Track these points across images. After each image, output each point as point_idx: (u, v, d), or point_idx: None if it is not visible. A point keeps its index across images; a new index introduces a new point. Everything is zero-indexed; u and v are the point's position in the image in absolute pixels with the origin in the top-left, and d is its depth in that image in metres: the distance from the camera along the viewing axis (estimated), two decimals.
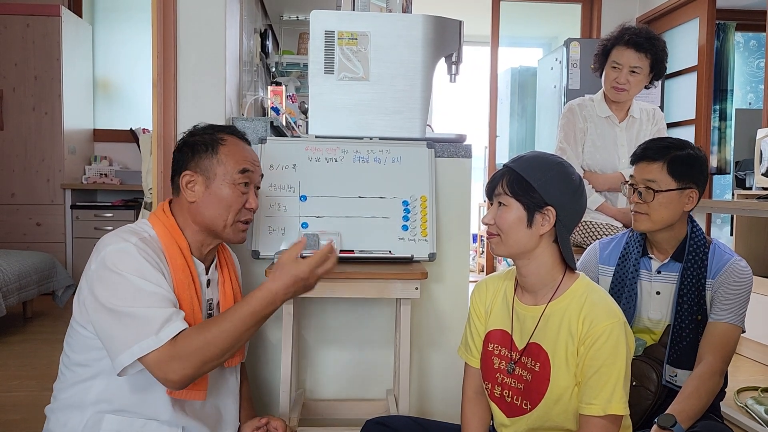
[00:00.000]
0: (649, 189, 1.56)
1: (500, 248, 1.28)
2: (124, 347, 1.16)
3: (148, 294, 1.20)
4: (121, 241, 1.24)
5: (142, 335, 1.16)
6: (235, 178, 1.37)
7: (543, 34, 6.74)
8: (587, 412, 1.19)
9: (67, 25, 4.37)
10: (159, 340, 1.16)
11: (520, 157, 1.29)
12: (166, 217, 1.37)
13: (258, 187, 1.46)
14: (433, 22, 1.94)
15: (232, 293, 1.48)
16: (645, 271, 1.66)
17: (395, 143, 1.94)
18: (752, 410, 2.41)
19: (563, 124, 2.41)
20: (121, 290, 1.19)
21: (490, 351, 1.36)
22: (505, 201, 1.26)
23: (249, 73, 2.65)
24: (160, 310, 1.18)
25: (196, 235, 1.39)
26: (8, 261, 3.33)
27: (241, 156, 1.40)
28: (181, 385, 1.19)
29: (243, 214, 1.40)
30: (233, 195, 1.37)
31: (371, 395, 2.04)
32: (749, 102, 5.81)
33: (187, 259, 1.34)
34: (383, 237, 1.85)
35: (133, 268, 1.21)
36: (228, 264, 1.52)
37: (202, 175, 1.37)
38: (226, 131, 1.43)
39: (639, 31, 2.26)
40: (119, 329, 1.18)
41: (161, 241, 1.32)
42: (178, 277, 1.29)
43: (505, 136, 5.89)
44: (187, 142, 1.41)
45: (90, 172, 4.58)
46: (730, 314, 1.52)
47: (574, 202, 1.26)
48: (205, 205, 1.36)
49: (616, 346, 1.18)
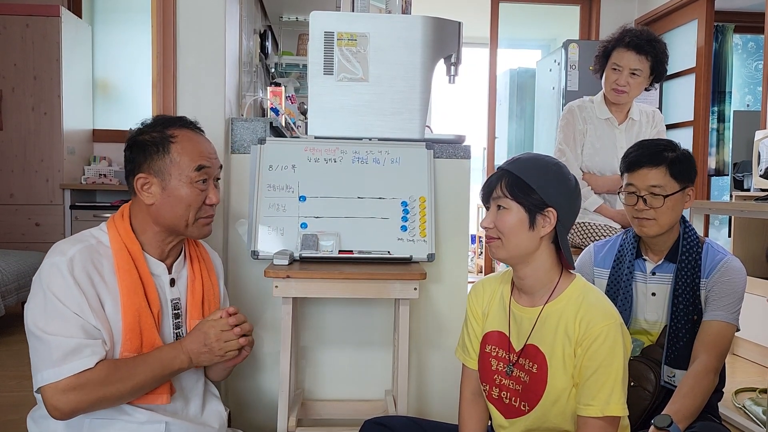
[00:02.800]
0: (656, 195, 1.57)
1: (501, 252, 1.27)
2: (34, 371, 1.18)
3: (61, 319, 1.18)
4: (57, 255, 1.22)
5: (44, 365, 1.17)
6: (191, 176, 1.33)
7: (542, 35, 6.75)
8: (585, 413, 1.19)
9: (66, 25, 4.37)
10: (59, 374, 1.16)
11: (516, 159, 1.28)
12: (122, 220, 1.34)
13: (218, 179, 1.42)
14: (433, 23, 1.95)
15: (201, 290, 1.44)
16: (640, 273, 1.67)
17: (394, 144, 1.94)
18: (750, 411, 2.42)
19: (563, 125, 2.42)
20: (39, 310, 1.19)
21: (488, 353, 1.36)
22: (504, 204, 1.25)
23: (248, 73, 2.65)
24: (66, 340, 1.17)
25: (157, 236, 1.36)
26: (7, 261, 3.33)
27: (195, 152, 1.34)
28: (66, 417, 1.19)
29: (204, 211, 1.37)
30: (192, 194, 1.33)
31: (370, 395, 2.04)
32: (747, 104, 5.82)
33: (137, 263, 1.31)
34: (382, 237, 1.86)
35: (57, 288, 1.19)
36: (199, 259, 1.48)
37: (156, 177, 1.32)
38: (176, 125, 1.36)
39: (640, 33, 2.26)
40: (33, 352, 1.20)
41: (111, 247, 1.29)
42: (124, 284, 1.27)
43: (503, 138, 5.90)
44: (136, 141, 1.34)
45: (89, 173, 4.58)
46: (723, 313, 1.52)
47: (572, 203, 1.27)
48: (164, 206, 1.32)
49: (613, 348, 1.18)
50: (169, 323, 1.38)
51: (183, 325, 1.41)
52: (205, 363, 1.34)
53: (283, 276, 1.61)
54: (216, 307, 1.48)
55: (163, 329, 1.36)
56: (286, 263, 1.68)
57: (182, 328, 1.40)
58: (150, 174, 1.32)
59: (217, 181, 1.41)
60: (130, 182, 1.35)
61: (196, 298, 1.42)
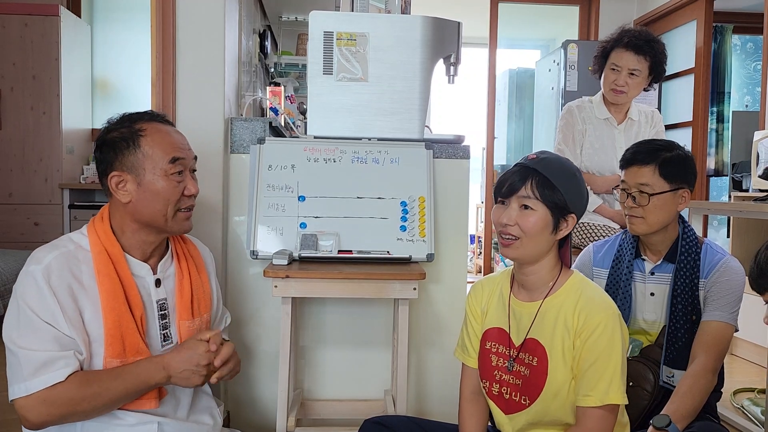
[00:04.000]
0: (643, 193, 1.57)
1: (518, 251, 1.25)
2: (9, 383, 1.18)
3: (33, 332, 1.17)
4: (33, 263, 1.21)
5: (15, 379, 1.17)
6: (166, 169, 1.29)
7: (541, 35, 6.75)
8: (584, 403, 1.20)
9: (65, 24, 4.36)
10: (29, 387, 1.16)
11: (542, 159, 1.24)
12: (102, 222, 1.31)
13: (194, 170, 1.38)
14: (432, 23, 1.95)
15: (190, 288, 1.40)
16: (639, 273, 1.67)
17: (394, 144, 1.94)
18: (748, 411, 2.42)
19: (562, 125, 2.42)
20: (12, 323, 1.19)
21: (488, 349, 1.36)
22: (532, 204, 1.22)
23: (248, 73, 2.65)
24: (37, 354, 1.16)
25: (137, 235, 1.33)
26: (5, 260, 3.32)
27: (167, 144, 1.31)
28: (36, 428, 1.18)
29: (183, 202, 1.34)
30: (169, 187, 1.30)
31: (369, 395, 2.04)
32: (746, 104, 5.83)
33: (117, 266, 1.28)
34: (381, 237, 1.86)
35: (30, 298, 1.18)
36: (187, 256, 1.44)
37: (130, 173, 1.29)
38: (144, 118, 1.33)
39: (639, 33, 2.26)
40: (7, 364, 1.19)
41: (91, 250, 1.27)
42: (103, 288, 1.25)
43: (502, 138, 5.91)
44: (105, 140, 1.30)
45: (88, 172, 4.57)
46: (722, 313, 1.53)
47: (584, 209, 1.30)
48: (142, 203, 1.29)
49: (611, 338, 1.19)
50: (156, 325, 1.35)
51: (171, 325, 1.38)
52: (184, 384, 1.27)
53: (283, 276, 1.61)
54: (206, 304, 1.45)
55: (149, 331, 1.33)
56: (285, 263, 1.68)
57: (170, 328, 1.38)
58: (123, 171, 1.28)
59: (193, 172, 1.38)
60: (104, 183, 1.32)
61: (185, 298, 1.39)
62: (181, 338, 1.38)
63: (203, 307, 1.44)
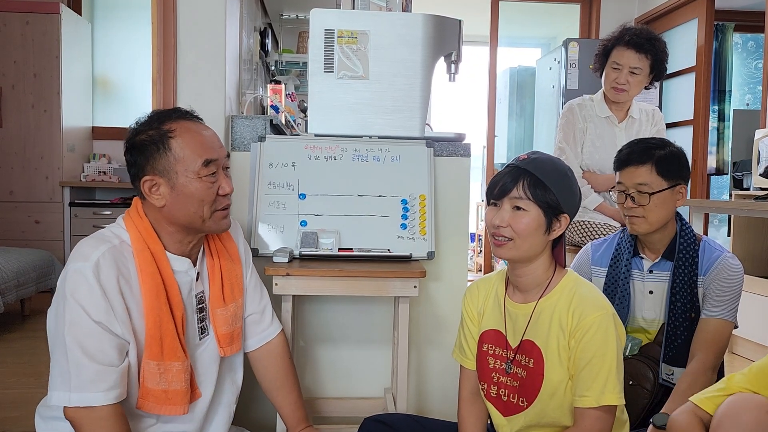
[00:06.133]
0: (643, 193, 1.57)
1: (511, 252, 1.25)
2: (51, 380, 1.18)
3: (84, 332, 1.15)
4: (81, 260, 1.18)
5: (57, 384, 1.16)
6: (199, 171, 1.26)
7: (542, 34, 6.74)
8: (581, 404, 1.20)
9: (66, 22, 4.37)
10: (68, 400, 1.15)
11: (533, 159, 1.24)
12: (140, 219, 1.29)
13: (227, 167, 1.35)
14: (433, 21, 1.95)
15: (220, 282, 1.40)
16: (637, 271, 1.67)
17: (394, 142, 1.94)
18: None
19: (563, 123, 2.42)
20: (63, 320, 1.16)
21: (485, 351, 1.36)
22: (524, 205, 1.21)
23: (248, 71, 2.65)
24: (86, 365, 1.14)
25: (175, 235, 1.31)
26: (7, 258, 3.32)
27: (198, 144, 1.27)
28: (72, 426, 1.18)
29: (219, 203, 1.31)
30: (203, 188, 1.27)
31: (369, 393, 2.04)
32: (747, 103, 5.83)
33: (160, 264, 1.26)
34: (382, 235, 1.86)
35: (82, 296, 1.16)
36: (219, 252, 1.43)
37: (162, 177, 1.25)
38: (172, 117, 1.29)
39: (640, 31, 2.26)
40: (54, 361, 1.18)
41: (133, 246, 1.25)
42: (147, 287, 1.23)
43: (503, 136, 5.90)
44: (134, 143, 1.27)
45: (89, 170, 4.58)
46: (721, 310, 1.53)
47: (577, 209, 1.29)
48: (176, 206, 1.26)
49: (605, 337, 1.19)
50: (194, 320, 1.35)
51: (207, 318, 1.39)
52: None
53: (283, 273, 1.61)
54: (239, 289, 1.44)
55: (188, 331, 1.33)
56: (285, 261, 1.68)
57: (206, 321, 1.39)
58: (155, 175, 1.25)
59: (226, 170, 1.34)
60: (137, 186, 1.29)
61: (216, 286, 1.39)
62: (215, 328, 1.38)
63: (236, 292, 1.43)
